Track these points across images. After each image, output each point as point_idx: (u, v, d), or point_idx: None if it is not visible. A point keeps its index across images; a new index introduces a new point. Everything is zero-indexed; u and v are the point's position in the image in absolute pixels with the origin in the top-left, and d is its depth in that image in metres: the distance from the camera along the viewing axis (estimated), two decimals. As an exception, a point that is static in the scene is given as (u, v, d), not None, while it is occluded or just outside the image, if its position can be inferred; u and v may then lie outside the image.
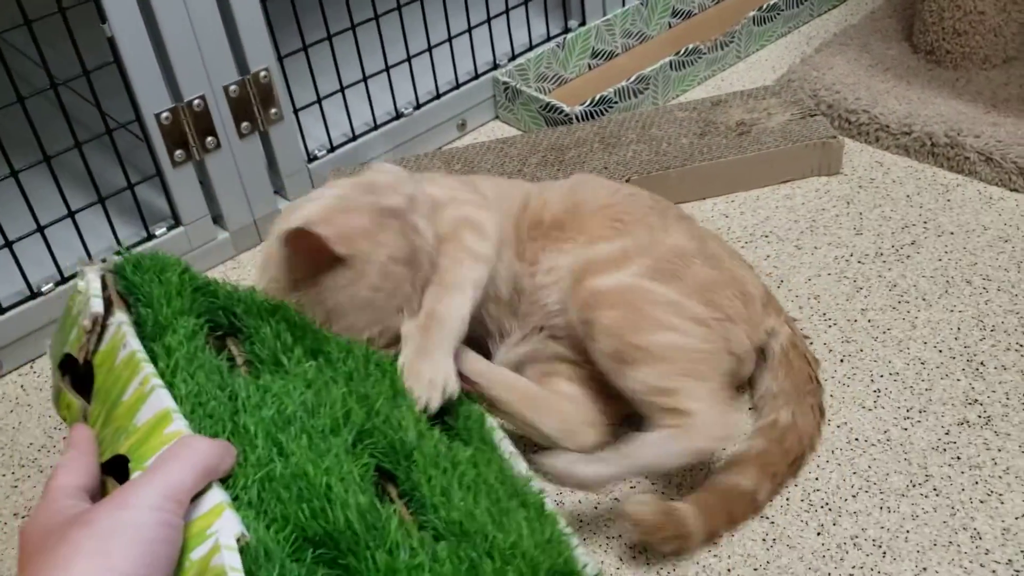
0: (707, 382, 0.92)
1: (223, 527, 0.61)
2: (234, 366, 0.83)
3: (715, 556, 0.91)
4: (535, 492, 0.80)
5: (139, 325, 0.80)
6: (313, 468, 0.68)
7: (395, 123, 1.49)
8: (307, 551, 0.65)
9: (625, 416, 0.98)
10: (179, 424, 0.68)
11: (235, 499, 0.65)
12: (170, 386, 0.72)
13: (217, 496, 0.64)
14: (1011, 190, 1.33)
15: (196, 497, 0.63)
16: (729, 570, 0.90)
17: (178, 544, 0.60)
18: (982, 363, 1.08)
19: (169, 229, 1.31)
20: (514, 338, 1.04)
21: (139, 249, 1.27)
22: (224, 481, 0.66)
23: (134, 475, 0.66)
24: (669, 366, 0.91)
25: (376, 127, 1.48)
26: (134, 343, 0.76)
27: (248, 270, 1.35)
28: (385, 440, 0.77)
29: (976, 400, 1.04)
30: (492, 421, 0.90)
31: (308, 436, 0.72)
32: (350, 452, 0.73)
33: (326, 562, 0.65)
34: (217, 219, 1.36)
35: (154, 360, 0.75)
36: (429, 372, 0.87)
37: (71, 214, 1.21)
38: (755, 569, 0.90)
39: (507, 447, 0.87)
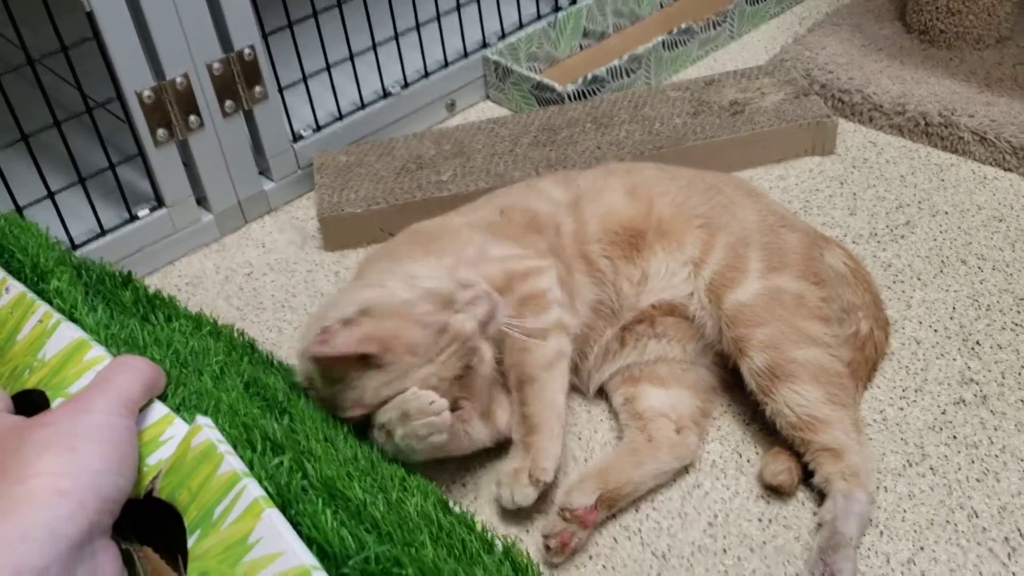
0: (847, 410, 0.93)
1: (181, 428, 0.62)
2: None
3: (711, 536, 0.90)
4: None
5: (17, 274, 0.80)
6: (227, 396, 0.68)
7: (382, 103, 1.47)
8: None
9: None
10: (99, 350, 0.68)
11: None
12: (76, 321, 0.72)
13: (162, 408, 0.64)
14: (1005, 169, 1.32)
15: (140, 411, 0.63)
16: (725, 550, 0.89)
17: (138, 450, 0.60)
18: (978, 342, 1.06)
19: (152, 211, 1.29)
20: (611, 356, 1.04)
21: (123, 231, 1.26)
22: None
23: (55, 403, 0.65)
24: (820, 390, 0.92)
25: (363, 107, 1.45)
26: (19, 286, 0.77)
27: (232, 252, 1.33)
28: (266, 392, 0.79)
29: (972, 379, 1.02)
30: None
31: (209, 374, 0.73)
32: (243, 395, 0.73)
33: None
34: (201, 200, 1.34)
35: (47, 302, 0.75)
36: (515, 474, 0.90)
37: (51, 195, 1.19)
38: (751, 549, 0.89)
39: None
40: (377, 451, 0.85)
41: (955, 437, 0.97)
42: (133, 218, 1.28)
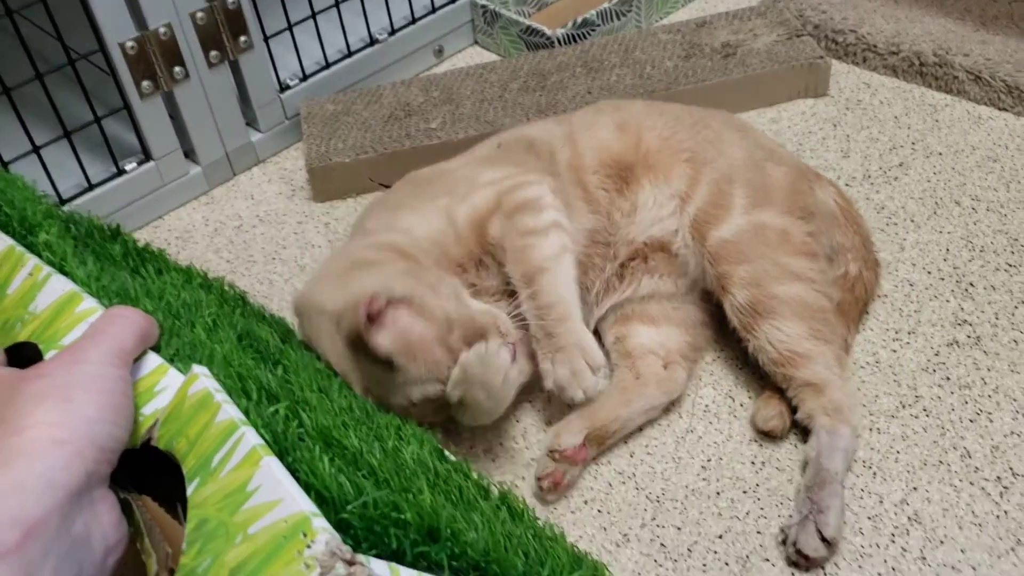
0: (829, 345, 0.93)
1: (175, 379, 0.61)
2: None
3: (704, 480, 0.90)
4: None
5: (4, 228, 0.79)
6: (220, 348, 0.68)
7: (369, 50, 1.45)
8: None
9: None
10: (90, 302, 0.68)
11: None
12: (66, 273, 0.72)
13: (156, 359, 0.64)
14: (1000, 109, 1.30)
15: (134, 362, 0.63)
16: (718, 493, 0.89)
17: (133, 399, 0.60)
18: (971, 284, 1.06)
19: (139, 164, 1.27)
20: (611, 291, 1.03)
21: (110, 186, 1.24)
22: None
23: (48, 355, 0.65)
24: (801, 325, 0.92)
25: (350, 54, 1.43)
26: (7, 239, 0.76)
27: (221, 205, 1.32)
28: (259, 345, 0.78)
29: (965, 320, 1.02)
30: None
31: (201, 326, 0.73)
32: (237, 347, 0.73)
33: None
34: (189, 153, 1.32)
35: (36, 255, 0.75)
36: (567, 367, 0.87)
37: (36, 150, 1.17)
38: (744, 492, 0.89)
39: None
40: (371, 402, 0.85)
41: (948, 378, 0.97)
42: (120, 172, 1.26)
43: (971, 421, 0.93)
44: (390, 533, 0.53)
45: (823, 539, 0.82)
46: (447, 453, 0.77)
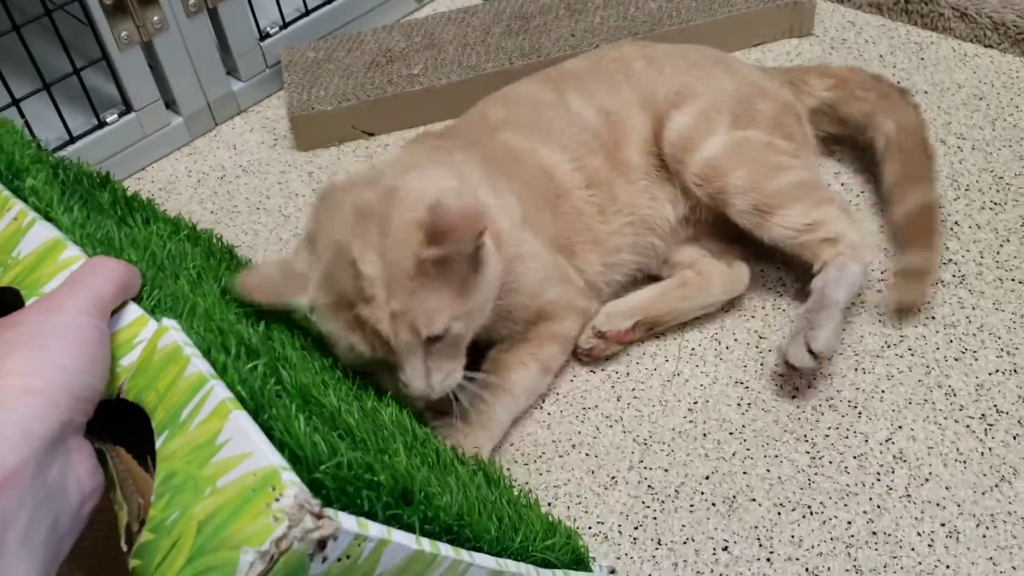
0: (832, 203, 0.97)
1: (151, 329, 0.61)
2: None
3: (691, 422, 0.91)
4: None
5: None
6: (203, 301, 0.67)
7: (350, -5, 1.43)
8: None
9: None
10: (74, 250, 0.68)
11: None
12: (51, 220, 0.71)
13: (136, 310, 0.64)
14: (986, 46, 1.30)
15: (114, 313, 0.63)
16: (705, 435, 0.90)
17: (109, 350, 0.59)
18: (956, 223, 1.06)
19: (120, 115, 1.26)
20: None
21: (92, 138, 1.23)
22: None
23: (29, 302, 0.65)
24: (803, 203, 0.96)
25: (330, 0, 1.41)
26: None
27: (204, 156, 1.31)
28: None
29: (950, 260, 1.02)
30: None
31: (185, 278, 0.72)
32: (220, 300, 0.73)
33: None
34: (170, 104, 1.31)
35: (23, 200, 0.74)
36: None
37: (15, 102, 1.16)
38: (730, 433, 0.90)
39: None
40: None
41: (933, 317, 0.97)
42: (102, 124, 1.25)
43: (956, 360, 0.93)
44: (363, 495, 0.53)
45: (810, 351, 0.88)
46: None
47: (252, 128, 1.34)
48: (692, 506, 0.85)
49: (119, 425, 0.60)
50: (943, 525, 0.81)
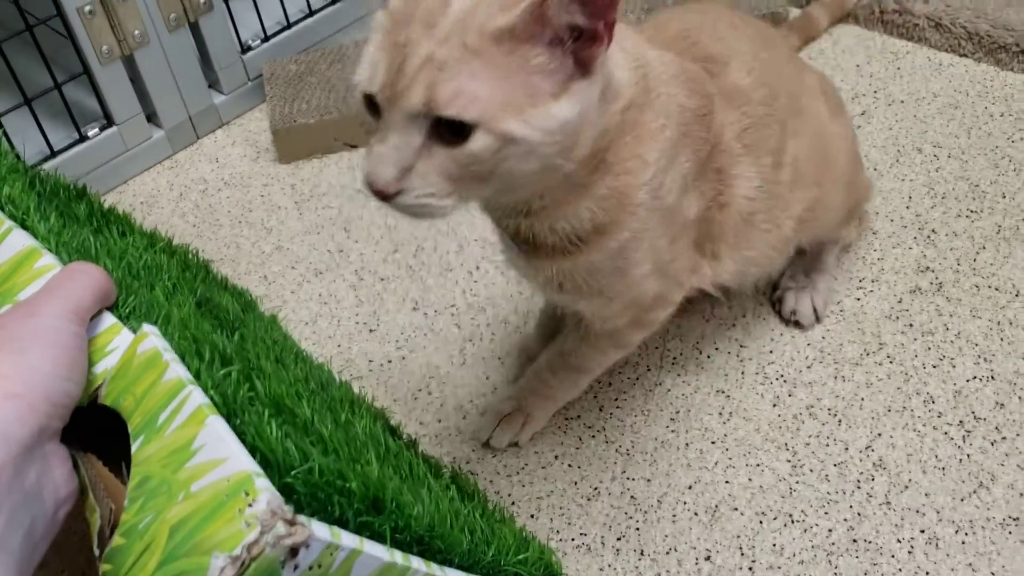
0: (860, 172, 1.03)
1: (128, 339, 0.61)
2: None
3: (672, 432, 0.92)
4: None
5: None
6: (178, 311, 0.67)
7: (331, 8, 1.43)
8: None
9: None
10: (49, 258, 0.68)
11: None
12: (27, 228, 0.72)
13: (111, 318, 0.64)
14: (960, 55, 1.31)
15: (90, 320, 0.63)
16: (687, 444, 0.91)
17: (87, 355, 0.59)
18: (933, 231, 1.07)
19: (102, 129, 1.26)
20: None
21: (73, 152, 1.23)
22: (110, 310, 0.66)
23: (3, 309, 0.64)
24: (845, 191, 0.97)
25: (311, 13, 1.42)
26: None
27: (186, 169, 1.31)
28: (218, 312, 0.78)
29: (928, 267, 1.04)
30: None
31: (161, 289, 0.72)
32: (195, 311, 0.73)
33: None
34: (151, 117, 1.31)
35: None
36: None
37: (-4, 117, 1.16)
38: (712, 442, 0.90)
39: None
40: (327, 374, 0.83)
41: (911, 325, 0.98)
42: (83, 138, 1.25)
43: (934, 367, 0.95)
44: (334, 501, 0.53)
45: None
46: (400, 431, 0.79)
47: (234, 141, 1.35)
48: (675, 516, 0.85)
49: (90, 432, 0.60)
50: (923, 532, 0.82)
